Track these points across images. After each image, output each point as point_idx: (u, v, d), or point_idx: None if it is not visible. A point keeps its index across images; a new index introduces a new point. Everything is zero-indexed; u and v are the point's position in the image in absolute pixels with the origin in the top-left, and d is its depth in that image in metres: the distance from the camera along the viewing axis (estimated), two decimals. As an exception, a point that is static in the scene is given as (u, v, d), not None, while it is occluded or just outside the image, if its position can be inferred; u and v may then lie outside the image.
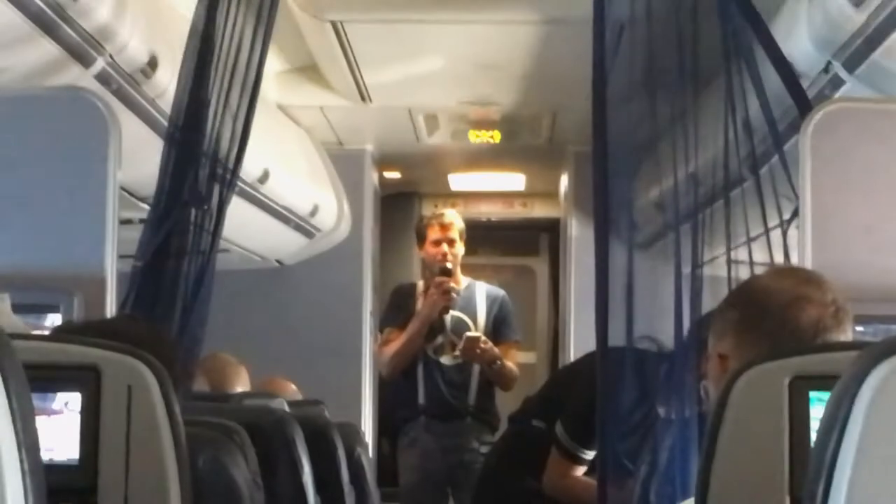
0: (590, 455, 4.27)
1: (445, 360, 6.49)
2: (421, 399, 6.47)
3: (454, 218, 6.59)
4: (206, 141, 3.70)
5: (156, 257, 3.60)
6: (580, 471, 4.35)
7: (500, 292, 6.70)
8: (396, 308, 6.59)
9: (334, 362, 7.13)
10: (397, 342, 6.43)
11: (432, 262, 6.50)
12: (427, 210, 9.34)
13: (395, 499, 6.52)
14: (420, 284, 6.62)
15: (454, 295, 6.37)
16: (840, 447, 1.21)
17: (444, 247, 6.45)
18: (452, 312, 6.48)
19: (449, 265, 6.42)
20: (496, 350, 6.37)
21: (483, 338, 6.34)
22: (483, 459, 5.79)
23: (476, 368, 6.48)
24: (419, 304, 6.47)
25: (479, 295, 6.60)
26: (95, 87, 3.65)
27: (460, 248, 6.51)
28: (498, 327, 6.55)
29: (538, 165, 8.48)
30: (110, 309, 3.28)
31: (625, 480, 3.38)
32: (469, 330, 6.44)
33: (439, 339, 6.49)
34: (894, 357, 1.20)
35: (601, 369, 3.43)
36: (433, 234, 6.50)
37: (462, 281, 6.60)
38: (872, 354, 1.21)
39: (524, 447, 4.62)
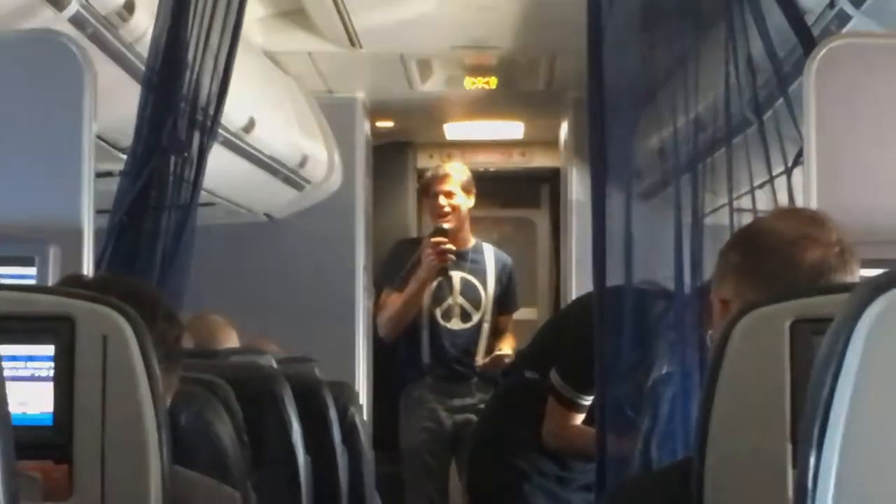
0: (587, 401, 4.27)
1: (454, 324, 6.51)
2: (425, 359, 6.48)
3: (453, 170, 6.53)
4: (186, 85, 3.68)
5: (134, 208, 3.58)
6: (579, 419, 4.36)
7: (508, 259, 6.74)
8: (395, 266, 6.54)
9: (326, 319, 7.11)
10: (394, 304, 6.40)
11: (433, 219, 6.48)
12: (422, 161, 9.31)
13: (396, 461, 6.54)
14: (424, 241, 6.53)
15: (451, 256, 6.30)
16: (836, 385, 1.21)
17: (442, 199, 6.41)
18: (462, 274, 6.48)
19: (446, 225, 6.35)
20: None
21: (508, 354, 6.39)
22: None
23: (485, 331, 6.52)
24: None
25: (488, 258, 6.62)
26: (70, 30, 3.61)
27: (462, 201, 6.42)
28: (507, 300, 6.64)
29: (537, 113, 8.44)
30: (87, 262, 3.27)
31: (625, 429, 3.39)
32: (478, 294, 6.49)
33: (447, 303, 6.50)
34: (890, 291, 1.20)
35: (598, 314, 3.43)
36: (432, 187, 6.47)
37: (471, 241, 6.60)
38: (868, 289, 1.21)
39: (519, 400, 4.63)
